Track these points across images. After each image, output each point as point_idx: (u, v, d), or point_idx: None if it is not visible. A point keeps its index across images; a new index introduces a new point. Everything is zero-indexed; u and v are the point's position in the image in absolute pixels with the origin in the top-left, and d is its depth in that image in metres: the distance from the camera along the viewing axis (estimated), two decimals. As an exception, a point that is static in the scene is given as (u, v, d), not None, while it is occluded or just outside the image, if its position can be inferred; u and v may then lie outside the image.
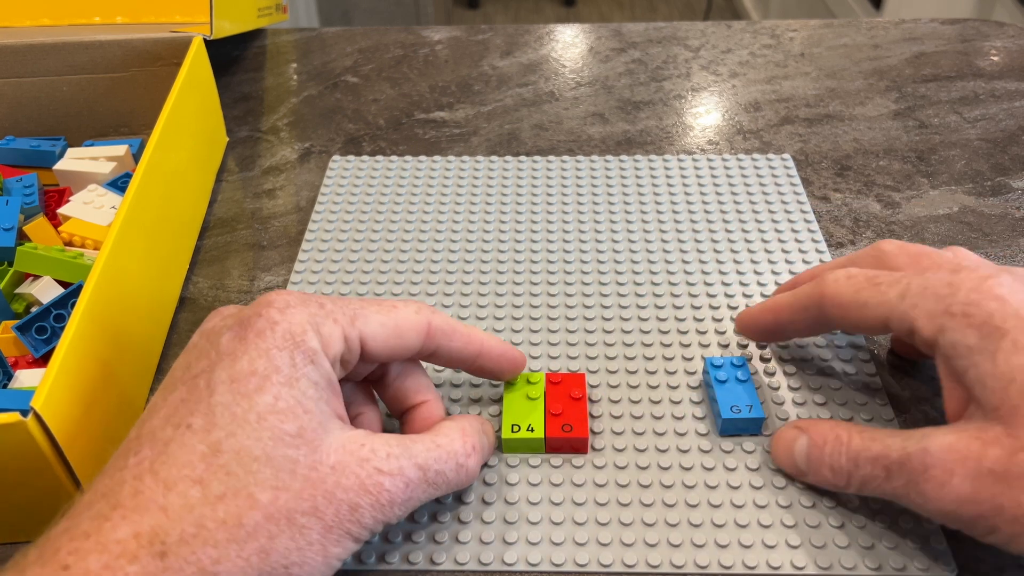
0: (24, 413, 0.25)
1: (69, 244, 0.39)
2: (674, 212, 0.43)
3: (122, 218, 0.33)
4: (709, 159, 0.47)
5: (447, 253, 0.41)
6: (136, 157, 0.45)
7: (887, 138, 0.49)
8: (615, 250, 0.41)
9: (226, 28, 0.50)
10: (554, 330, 0.37)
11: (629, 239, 0.42)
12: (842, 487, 0.28)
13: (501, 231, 0.42)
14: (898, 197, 0.44)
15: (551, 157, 0.48)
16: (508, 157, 0.48)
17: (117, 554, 0.21)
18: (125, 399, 0.33)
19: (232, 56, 0.59)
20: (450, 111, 0.53)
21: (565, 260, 0.40)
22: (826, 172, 0.46)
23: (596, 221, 0.43)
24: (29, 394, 0.27)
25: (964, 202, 0.44)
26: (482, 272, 0.40)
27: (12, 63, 0.45)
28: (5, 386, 0.31)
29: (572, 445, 0.31)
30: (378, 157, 0.48)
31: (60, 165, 0.42)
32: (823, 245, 0.41)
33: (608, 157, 0.48)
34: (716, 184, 0.45)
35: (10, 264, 0.36)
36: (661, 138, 0.50)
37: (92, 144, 0.45)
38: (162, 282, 0.38)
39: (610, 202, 0.44)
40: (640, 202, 0.44)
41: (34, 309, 0.35)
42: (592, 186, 0.45)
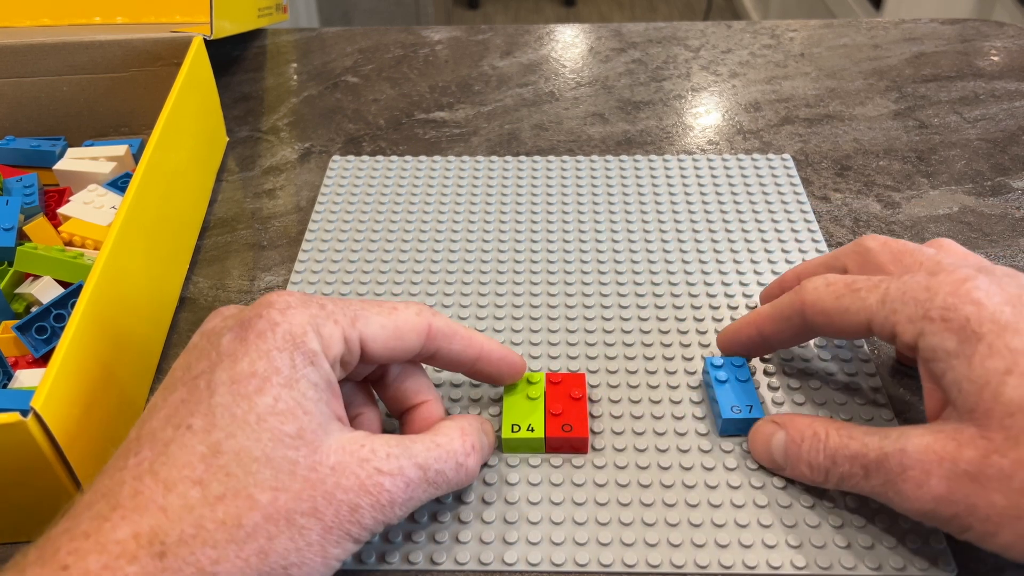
0: (24, 413, 0.25)
1: (69, 244, 0.39)
2: (674, 212, 0.43)
3: (122, 218, 0.33)
4: (709, 159, 0.47)
5: (447, 253, 0.41)
6: (136, 157, 0.45)
7: (887, 138, 0.49)
8: (615, 250, 0.41)
9: (226, 28, 0.50)
10: (554, 330, 0.37)
11: (629, 239, 0.42)
12: (820, 483, 0.28)
13: (501, 231, 0.42)
14: (898, 197, 0.44)
15: (551, 157, 0.48)
16: (508, 157, 0.48)
17: (116, 554, 0.21)
18: (125, 399, 0.33)
19: (232, 56, 0.59)
20: (450, 111, 0.53)
21: (565, 260, 0.40)
22: (826, 172, 0.46)
23: (596, 221, 0.43)
24: (29, 394, 0.27)
25: (964, 202, 0.44)
26: (482, 272, 0.40)
27: (12, 63, 0.45)
28: (5, 386, 0.31)
29: (572, 445, 0.31)
30: (378, 157, 0.48)
31: (60, 165, 0.42)
32: (823, 245, 0.41)
33: (608, 157, 0.48)
34: (716, 184, 0.45)
35: (10, 264, 0.36)
36: (661, 138, 0.50)
37: (92, 144, 0.45)
38: (162, 282, 0.38)
39: (610, 202, 0.44)
40: (640, 202, 0.44)
41: (34, 309, 0.35)
42: (592, 186, 0.45)
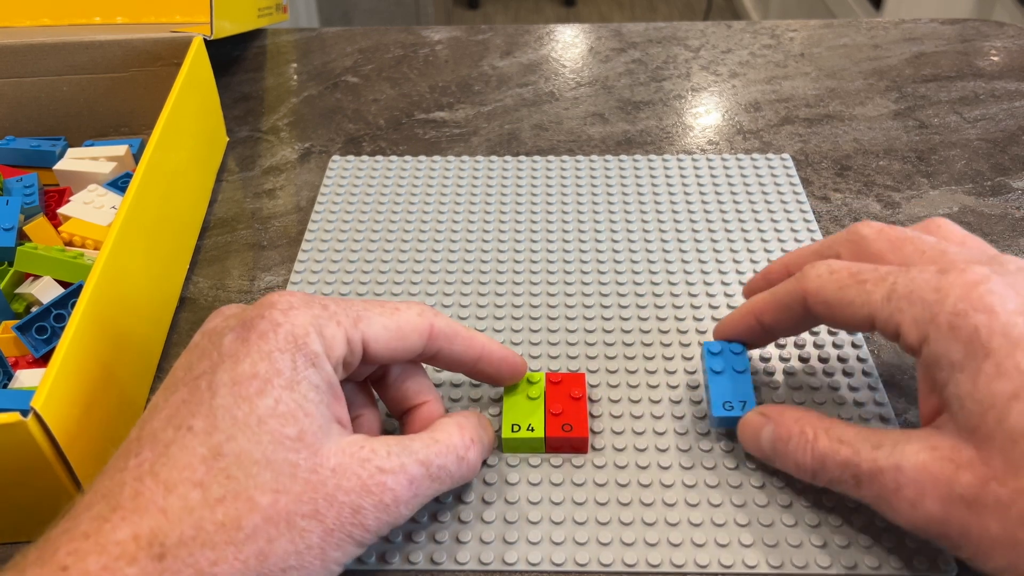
0: (24, 413, 0.25)
1: (69, 244, 0.39)
2: (674, 212, 0.43)
3: (122, 218, 0.33)
4: (709, 159, 0.47)
5: (447, 253, 0.41)
6: (136, 157, 0.45)
7: (887, 138, 0.49)
8: (615, 250, 0.41)
9: (226, 28, 0.50)
10: (554, 330, 0.37)
11: (629, 239, 0.42)
12: (809, 481, 0.28)
13: (501, 231, 0.42)
14: (898, 197, 0.44)
15: (551, 157, 0.48)
16: (508, 157, 0.48)
17: (116, 555, 0.21)
18: (125, 399, 0.33)
19: (232, 56, 0.59)
20: (450, 111, 0.53)
21: (565, 260, 0.40)
22: (826, 172, 0.46)
23: (596, 221, 0.43)
24: (29, 394, 0.27)
25: (964, 202, 0.44)
26: (482, 272, 0.40)
27: (12, 63, 0.45)
28: (5, 386, 0.31)
29: (572, 445, 0.31)
30: (378, 157, 0.48)
31: (60, 165, 0.42)
32: (823, 245, 0.41)
33: (608, 157, 0.48)
34: (716, 184, 0.45)
35: (10, 264, 0.36)
36: (661, 138, 0.50)
37: (92, 144, 0.45)
38: (162, 282, 0.38)
39: (610, 202, 0.44)
40: (640, 202, 0.44)
41: (34, 309, 0.35)
42: (592, 186, 0.45)
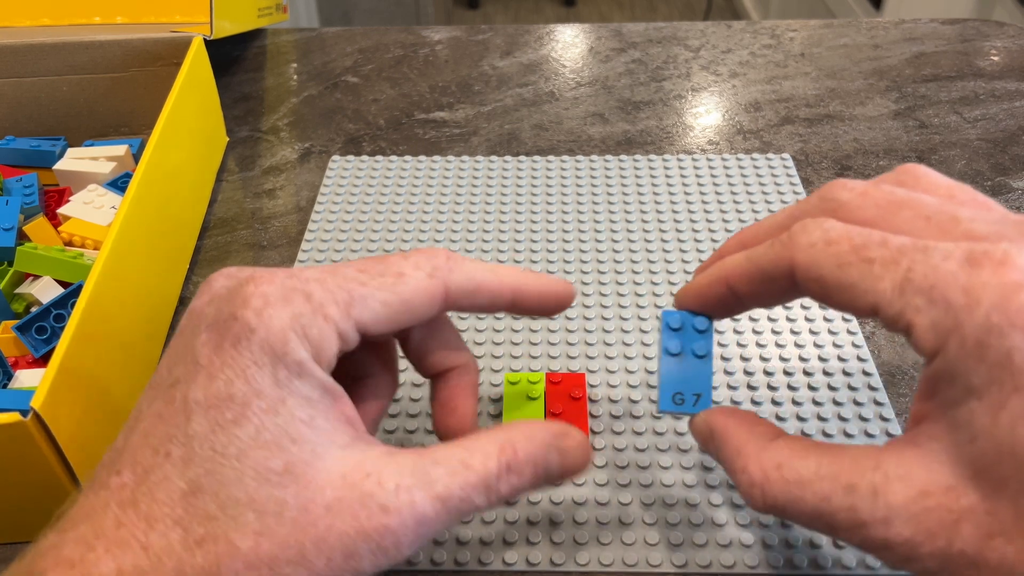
0: (24, 413, 0.25)
1: (69, 244, 0.39)
2: (674, 212, 0.43)
3: (122, 218, 0.33)
4: (709, 159, 0.47)
5: (447, 253, 0.41)
6: (136, 157, 0.45)
7: (887, 138, 0.49)
8: (615, 250, 0.41)
9: (226, 28, 0.50)
10: (554, 330, 0.37)
11: (629, 239, 0.42)
12: None
13: (501, 231, 0.42)
14: (898, 197, 0.44)
15: (551, 157, 0.48)
16: (508, 157, 0.48)
17: None
18: (125, 399, 0.33)
19: (232, 56, 0.59)
20: (450, 111, 0.53)
21: (565, 260, 0.40)
22: (826, 172, 0.46)
23: (596, 221, 0.43)
24: (29, 394, 0.27)
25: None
26: (482, 272, 0.40)
27: (12, 63, 0.45)
28: (5, 386, 0.31)
29: (572, 445, 0.31)
30: (378, 157, 0.48)
31: (60, 165, 0.42)
32: (823, 245, 0.41)
33: (608, 157, 0.48)
34: (716, 184, 0.45)
35: (10, 264, 0.36)
36: (661, 138, 0.50)
37: (92, 144, 0.45)
38: (162, 282, 0.38)
39: (610, 202, 0.44)
40: (640, 202, 0.44)
41: (34, 309, 0.35)
42: (592, 186, 0.45)
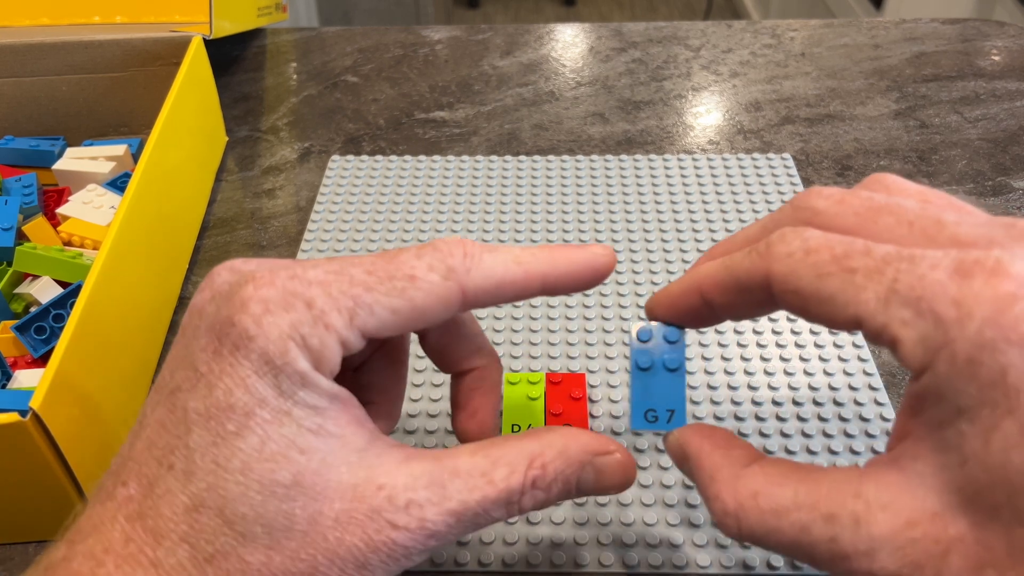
0: (23, 413, 0.25)
1: (68, 244, 0.39)
2: (674, 212, 0.43)
3: (121, 218, 0.33)
4: (709, 159, 0.47)
5: (447, 253, 0.41)
6: (135, 157, 0.45)
7: (888, 138, 0.49)
8: (615, 250, 0.41)
9: (226, 28, 0.50)
10: (554, 330, 0.37)
11: (629, 239, 0.42)
12: None
13: (501, 231, 0.42)
14: (898, 197, 0.44)
15: (551, 157, 0.48)
16: (508, 157, 0.48)
17: None
18: (124, 399, 0.33)
19: (232, 56, 0.59)
20: (450, 111, 0.53)
21: (565, 260, 0.40)
22: (827, 172, 0.46)
23: (596, 221, 0.43)
24: (28, 394, 0.27)
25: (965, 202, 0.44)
26: (482, 272, 0.40)
27: (12, 63, 0.45)
28: (4, 386, 0.31)
29: (572, 445, 0.31)
30: (378, 157, 0.48)
31: (59, 165, 0.42)
32: (823, 245, 0.41)
33: (608, 157, 0.47)
34: (716, 184, 0.45)
35: (9, 264, 0.36)
36: (661, 138, 0.50)
37: (91, 144, 0.45)
38: (162, 282, 0.38)
39: (610, 202, 0.44)
40: (640, 202, 0.44)
41: (33, 309, 0.35)
42: (592, 186, 0.45)
